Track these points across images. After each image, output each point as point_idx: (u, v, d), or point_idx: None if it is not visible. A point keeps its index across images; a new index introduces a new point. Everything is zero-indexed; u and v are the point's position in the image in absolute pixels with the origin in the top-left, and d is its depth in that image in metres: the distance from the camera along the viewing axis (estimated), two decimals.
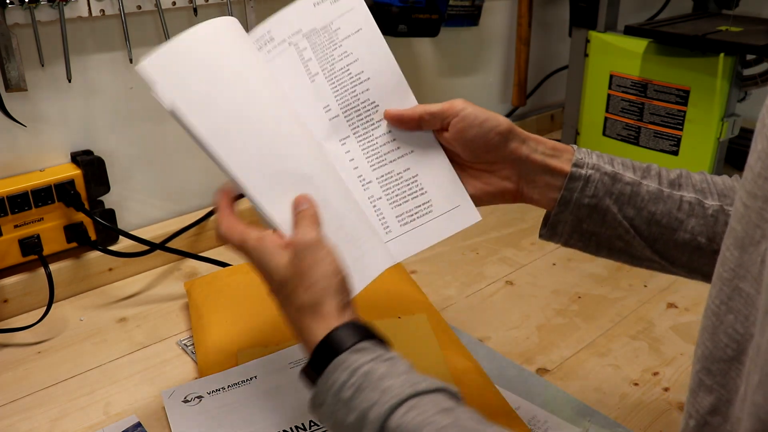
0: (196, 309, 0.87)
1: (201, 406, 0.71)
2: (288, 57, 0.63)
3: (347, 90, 0.63)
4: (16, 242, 0.88)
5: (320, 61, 0.63)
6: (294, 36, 0.64)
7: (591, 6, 1.26)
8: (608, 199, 0.59)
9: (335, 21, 0.63)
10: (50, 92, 0.90)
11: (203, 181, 1.10)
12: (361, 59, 0.63)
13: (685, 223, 0.58)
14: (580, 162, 0.59)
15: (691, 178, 0.60)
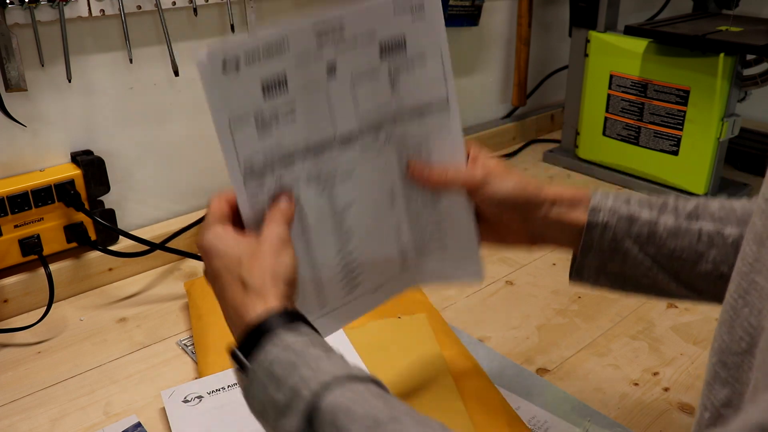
0: (196, 309, 0.87)
1: (201, 406, 0.71)
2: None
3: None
4: (16, 242, 0.88)
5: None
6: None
7: (591, 6, 1.26)
8: (628, 240, 0.60)
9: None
10: (50, 92, 0.90)
11: (203, 181, 1.10)
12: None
13: (706, 254, 0.59)
14: (596, 208, 0.60)
15: (708, 208, 0.60)
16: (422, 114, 0.61)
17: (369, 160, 0.60)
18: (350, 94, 0.58)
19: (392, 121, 0.60)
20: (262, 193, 0.54)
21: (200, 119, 1.06)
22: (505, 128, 1.49)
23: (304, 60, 0.54)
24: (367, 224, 0.61)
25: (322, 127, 0.57)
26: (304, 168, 0.56)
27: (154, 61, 0.98)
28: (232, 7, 1.00)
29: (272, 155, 0.54)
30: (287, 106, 0.55)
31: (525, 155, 1.46)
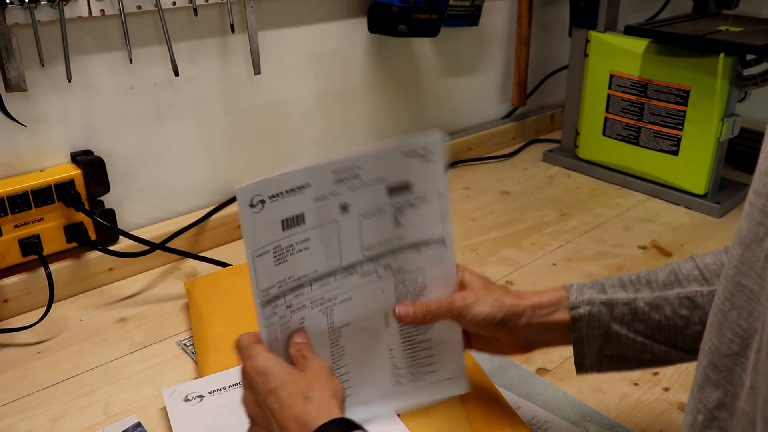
0: (196, 309, 0.87)
1: (202, 405, 0.71)
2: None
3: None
4: (16, 242, 0.88)
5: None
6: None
7: (591, 6, 1.26)
8: (614, 324, 0.62)
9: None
10: (50, 92, 0.90)
11: (203, 181, 1.10)
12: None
13: (691, 317, 0.60)
14: (575, 304, 0.63)
15: (681, 271, 0.62)
16: (420, 249, 0.66)
17: (367, 285, 0.65)
18: (358, 229, 0.64)
19: (392, 253, 0.66)
20: (273, 317, 0.60)
21: (200, 119, 1.06)
22: (505, 128, 1.49)
23: (321, 200, 0.62)
24: (360, 343, 0.66)
25: (331, 259, 0.63)
26: (311, 295, 0.62)
27: (154, 61, 0.98)
28: (232, 7, 1.00)
29: (285, 285, 0.61)
30: (303, 238, 0.61)
31: (525, 155, 1.46)
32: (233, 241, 1.10)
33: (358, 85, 1.25)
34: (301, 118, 1.18)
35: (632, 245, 1.08)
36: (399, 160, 0.65)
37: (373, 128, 1.30)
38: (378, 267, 0.66)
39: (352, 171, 0.63)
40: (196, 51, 1.02)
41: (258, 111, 1.12)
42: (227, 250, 1.07)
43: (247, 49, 1.05)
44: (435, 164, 0.66)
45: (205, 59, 1.03)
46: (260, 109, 1.12)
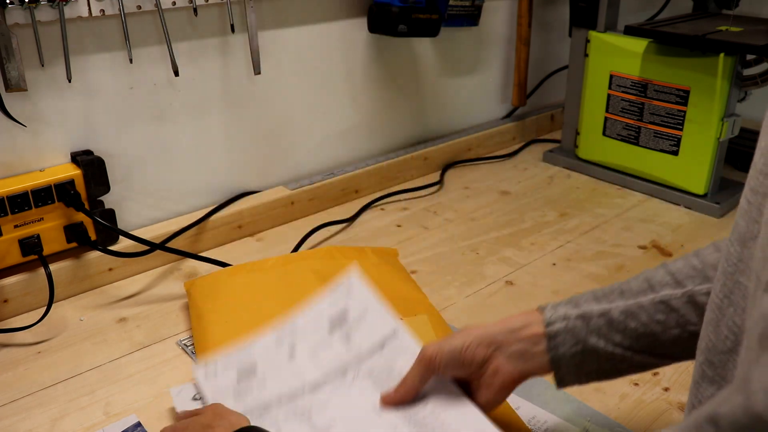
0: (196, 309, 0.87)
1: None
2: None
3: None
4: (16, 242, 0.88)
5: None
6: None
7: (591, 6, 1.26)
8: (592, 337, 0.60)
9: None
10: (50, 92, 0.90)
11: (203, 181, 1.10)
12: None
13: (667, 321, 0.59)
14: (550, 321, 0.62)
15: (654, 278, 0.61)
16: (380, 348, 0.72)
17: (341, 395, 0.68)
18: (311, 361, 0.72)
19: (356, 365, 0.71)
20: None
21: (200, 119, 1.06)
22: (505, 128, 1.49)
23: (269, 354, 0.74)
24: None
25: (292, 384, 0.70)
26: (280, 411, 0.67)
27: (154, 61, 0.98)
28: (232, 7, 1.00)
29: (249, 408, 0.67)
30: (259, 381, 0.71)
31: (525, 155, 1.46)
32: (233, 241, 1.10)
33: (358, 85, 1.25)
34: (301, 118, 1.18)
35: (632, 245, 1.08)
36: (327, 306, 0.77)
37: (373, 128, 1.30)
38: (345, 379, 0.70)
39: (289, 332, 0.76)
40: (196, 51, 1.02)
41: (258, 111, 1.12)
42: (227, 250, 1.07)
43: (247, 49, 1.05)
44: (358, 290, 0.77)
45: (205, 59, 1.03)
46: (260, 109, 1.12)
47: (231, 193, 1.13)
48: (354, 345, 0.73)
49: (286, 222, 1.16)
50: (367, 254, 0.96)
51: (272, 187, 1.18)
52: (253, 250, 1.08)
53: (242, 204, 1.12)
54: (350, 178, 1.23)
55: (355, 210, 1.18)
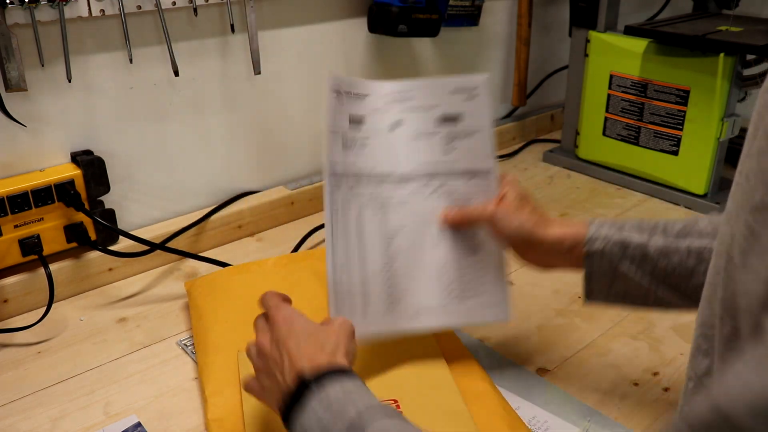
0: (196, 309, 0.87)
1: None
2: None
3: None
4: (16, 242, 0.88)
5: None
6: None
7: (591, 6, 1.26)
8: (623, 264, 0.66)
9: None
10: (50, 92, 0.90)
11: (203, 181, 1.10)
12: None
13: (697, 269, 0.63)
14: (592, 238, 0.68)
15: (697, 225, 0.65)
16: (469, 178, 0.76)
17: (419, 202, 0.74)
18: (411, 146, 0.75)
19: (444, 176, 0.75)
20: (338, 192, 0.70)
21: (200, 119, 1.06)
22: (505, 128, 1.49)
23: (378, 112, 0.74)
24: (412, 252, 0.73)
25: (385, 164, 0.74)
26: (367, 189, 0.72)
27: (154, 61, 0.98)
28: (232, 7, 1.00)
29: (347, 169, 0.71)
30: (362, 139, 0.73)
31: (525, 155, 1.46)
32: (233, 241, 1.10)
33: None
34: (301, 118, 1.18)
35: None
36: (448, 96, 0.76)
37: None
38: (431, 184, 0.75)
39: (406, 94, 0.75)
40: (196, 51, 1.02)
41: (258, 111, 1.12)
42: (227, 250, 1.07)
43: (247, 49, 1.05)
44: (482, 103, 0.77)
45: (205, 59, 1.03)
46: (260, 109, 1.12)
47: (231, 193, 1.13)
48: (451, 155, 0.76)
49: (286, 222, 1.16)
50: None
51: (272, 187, 1.18)
52: (253, 250, 1.08)
53: (242, 204, 1.12)
54: None
55: None
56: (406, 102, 0.75)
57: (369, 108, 0.73)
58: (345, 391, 0.54)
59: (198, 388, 0.77)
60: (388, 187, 0.73)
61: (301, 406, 0.54)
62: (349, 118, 0.72)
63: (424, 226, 0.74)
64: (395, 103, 0.74)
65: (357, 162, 0.72)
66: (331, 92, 0.71)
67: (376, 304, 0.71)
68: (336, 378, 0.55)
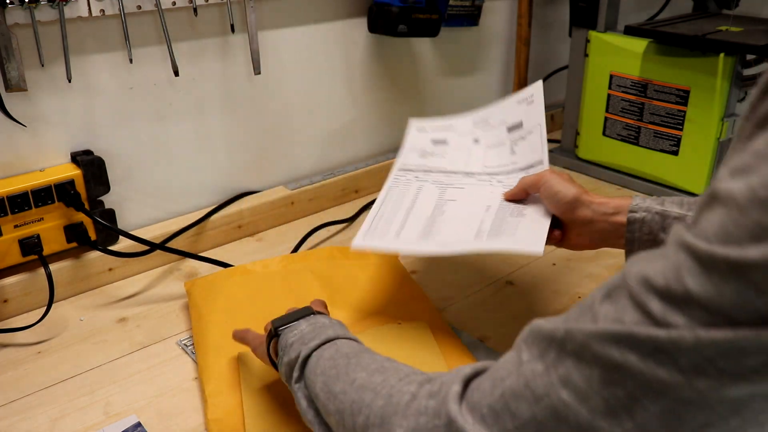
0: (196, 309, 0.87)
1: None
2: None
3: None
4: (16, 242, 0.88)
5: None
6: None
7: (591, 6, 1.26)
8: (662, 233, 0.71)
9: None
10: (50, 92, 0.90)
11: (203, 181, 1.10)
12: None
13: None
14: (635, 209, 0.73)
15: None
16: (528, 171, 0.84)
17: (480, 185, 0.85)
18: (483, 155, 0.90)
19: (506, 174, 0.86)
20: (402, 177, 0.87)
21: (200, 119, 1.06)
22: None
23: (461, 136, 0.93)
24: (459, 212, 0.80)
25: (457, 165, 0.89)
26: (435, 176, 0.87)
27: (154, 61, 0.98)
28: (232, 7, 1.00)
29: (417, 167, 0.88)
30: (443, 151, 0.91)
31: None
32: (233, 241, 1.10)
33: (358, 85, 1.25)
34: (301, 118, 1.18)
35: None
36: (514, 107, 0.91)
37: (373, 128, 1.30)
38: (493, 179, 0.86)
39: (484, 120, 0.93)
40: (196, 51, 1.02)
41: (258, 111, 1.12)
42: (227, 250, 1.07)
43: (247, 49, 1.05)
44: (537, 105, 0.88)
45: (205, 59, 1.03)
46: (260, 109, 1.12)
47: (231, 193, 1.13)
48: (515, 157, 0.87)
49: (286, 222, 1.16)
50: (367, 254, 0.96)
51: (272, 187, 1.18)
52: (253, 250, 1.08)
53: (242, 204, 1.12)
54: (350, 178, 1.23)
55: (355, 210, 1.18)
56: (484, 124, 0.92)
57: (452, 133, 0.92)
58: (332, 322, 0.64)
59: (198, 388, 0.77)
60: (453, 177, 0.86)
61: (290, 327, 0.64)
62: (432, 141, 0.92)
63: (475, 202, 0.81)
64: (476, 128, 0.92)
65: (429, 163, 0.88)
66: (416, 130, 0.93)
67: (410, 231, 0.78)
68: (329, 317, 0.66)
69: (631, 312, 0.36)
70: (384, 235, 0.77)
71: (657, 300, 0.35)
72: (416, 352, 0.77)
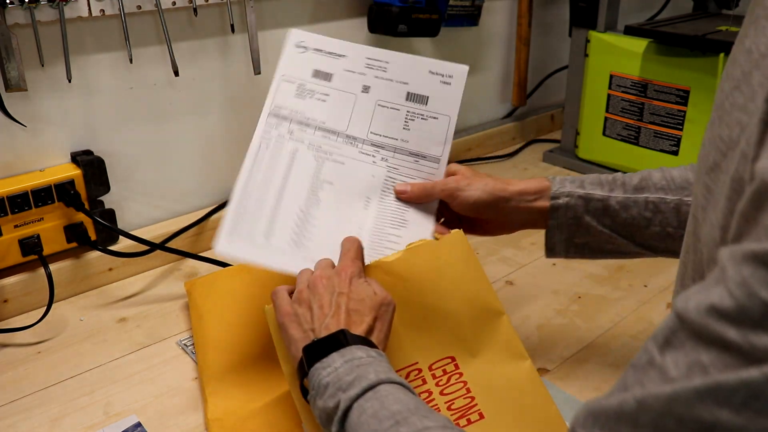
0: (196, 309, 0.87)
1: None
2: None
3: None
4: (16, 242, 0.88)
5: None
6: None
7: (591, 6, 1.26)
8: (586, 216, 0.72)
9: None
10: (50, 92, 0.90)
11: (203, 181, 1.10)
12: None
13: (653, 219, 0.71)
14: (557, 194, 0.73)
15: (652, 179, 0.72)
16: (418, 159, 0.76)
17: (362, 162, 0.74)
18: (371, 112, 0.75)
19: (393, 151, 0.76)
20: (272, 131, 0.74)
21: (200, 119, 1.06)
22: (505, 128, 1.49)
23: (349, 73, 0.76)
24: (336, 207, 0.73)
25: (339, 121, 0.75)
26: (313, 137, 0.74)
27: (154, 61, 0.98)
28: (232, 7, 1.00)
29: (295, 115, 0.74)
30: (324, 92, 0.75)
31: (525, 155, 1.46)
32: None
33: None
34: None
35: None
36: (424, 74, 0.77)
37: None
38: (377, 154, 0.75)
39: (381, 63, 0.77)
40: (196, 51, 1.02)
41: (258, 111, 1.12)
42: None
43: (247, 49, 1.05)
44: (453, 90, 0.77)
45: (205, 59, 1.03)
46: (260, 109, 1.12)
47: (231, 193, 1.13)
48: (405, 134, 0.77)
49: None
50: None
51: None
52: None
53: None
54: None
55: None
56: (379, 70, 0.76)
57: (341, 68, 0.75)
58: (369, 356, 0.55)
59: (198, 388, 0.77)
60: (333, 143, 0.74)
61: (323, 364, 0.56)
62: (313, 72, 0.75)
63: (356, 189, 0.73)
64: (370, 69, 0.76)
65: (307, 112, 0.74)
66: (294, 46, 0.74)
67: (281, 233, 0.71)
68: (365, 346, 0.57)
69: (706, 351, 0.31)
70: (251, 236, 0.70)
71: (732, 327, 0.30)
72: (456, 266, 0.72)
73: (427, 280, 0.70)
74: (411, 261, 0.69)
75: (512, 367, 0.69)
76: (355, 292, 0.61)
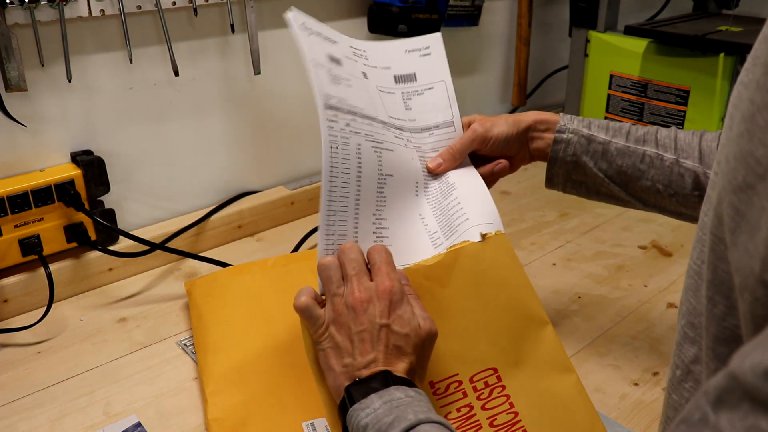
0: (196, 309, 0.87)
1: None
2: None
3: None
4: (16, 242, 0.88)
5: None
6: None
7: (591, 6, 1.26)
8: (585, 156, 0.75)
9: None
10: (50, 92, 0.90)
11: (203, 181, 1.10)
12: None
13: (646, 172, 0.73)
14: (562, 129, 0.75)
15: (657, 135, 0.74)
16: (432, 132, 0.75)
17: (404, 148, 0.71)
18: (380, 98, 0.71)
19: (410, 132, 0.73)
20: (336, 124, 0.64)
21: (200, 119, 1.06)
22: None
23: (348, 59, 0.69)
24: (399, 202, 0.68)
25: (369, 107, 0.68)
26: (363, 126, 0.66)
27: (154, 61, 0.98)
28: (232, 7, 1.00)
29: (341, 103, 0.65)
30: (346, 76, 0.68)
31: None
32: (233, 241, 1.10)
33: None
34: (301, 119, 1.18)
35: (632, 245, 1.08)
36: (401, 56, 0.76)
37: None
38: (403, 137, 0.71)
39: (361, 51, 0.73)
40: (196, 51, 1.02)
41: (258, 111, 1.12)
42: (227, 250, 1.07)
43: (247, 49, 1.05)
44: (436, 58, 0.77)
45: (205, 59, 1.03)
46: (260, 109, 1.12)
47: (231, 193, 1.13)
48: (410, 113, 0.75)
49: (286, 222, 1.16)
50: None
51: (272, 187, 1.18)
52: (253, 250, 1.08)
53: (242, 204, 1.12)
54: None
55: None
56: (363, 58, 0.73)
57: (341, 53, 0.69)
58: (408, 396, 0.53)
59: (198, 388, 0.77)
60: (378, 130, 0.67)
61: (362, 405, 0.54)
62: (328, 57, 0.67)
63: (406, 177, 0.69)
64: (357, 57, 0.72)
65: (349, 99, 0.66)
66: (302, 28, 0.65)
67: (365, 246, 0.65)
68: (404, 386, 0.54)
69: (765, 418, 0.29)
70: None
71: None
72: (500, 269, 0.68)
73: (468, 286, 0.65)
74: (452, 265, 0.64)
75: (557, 380, 0.64)
76: (397, 323, 0.57)
